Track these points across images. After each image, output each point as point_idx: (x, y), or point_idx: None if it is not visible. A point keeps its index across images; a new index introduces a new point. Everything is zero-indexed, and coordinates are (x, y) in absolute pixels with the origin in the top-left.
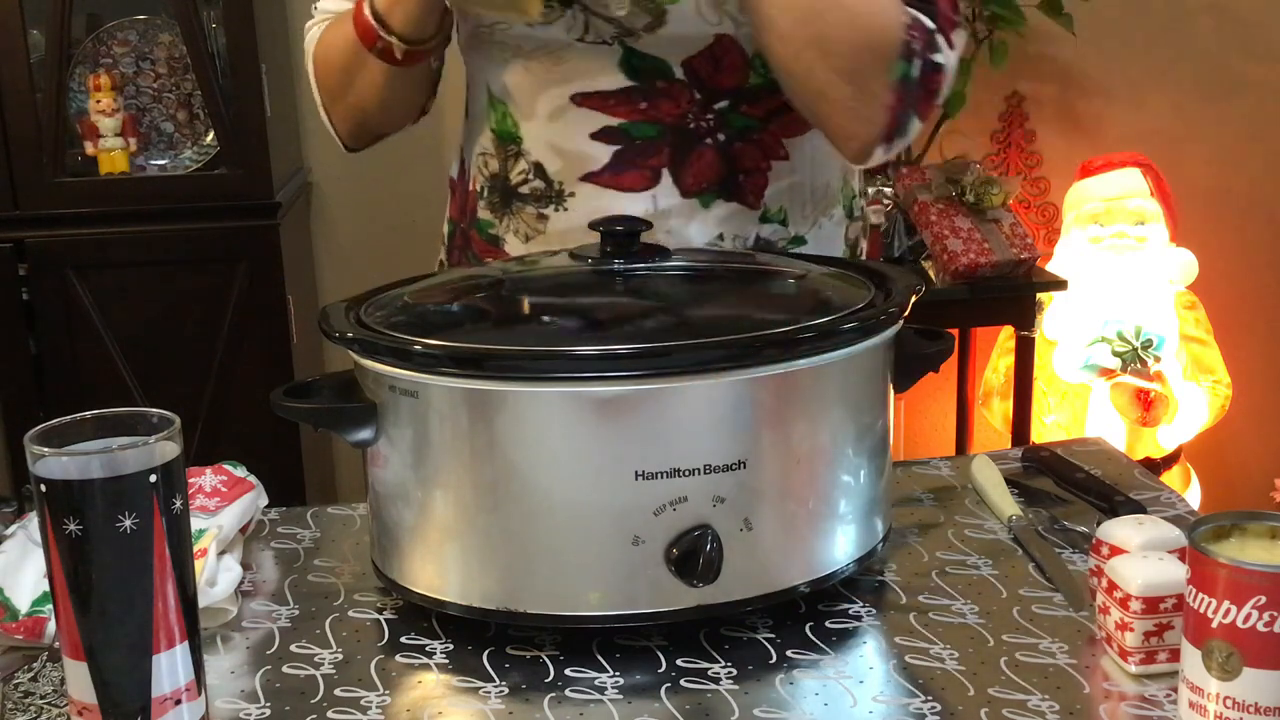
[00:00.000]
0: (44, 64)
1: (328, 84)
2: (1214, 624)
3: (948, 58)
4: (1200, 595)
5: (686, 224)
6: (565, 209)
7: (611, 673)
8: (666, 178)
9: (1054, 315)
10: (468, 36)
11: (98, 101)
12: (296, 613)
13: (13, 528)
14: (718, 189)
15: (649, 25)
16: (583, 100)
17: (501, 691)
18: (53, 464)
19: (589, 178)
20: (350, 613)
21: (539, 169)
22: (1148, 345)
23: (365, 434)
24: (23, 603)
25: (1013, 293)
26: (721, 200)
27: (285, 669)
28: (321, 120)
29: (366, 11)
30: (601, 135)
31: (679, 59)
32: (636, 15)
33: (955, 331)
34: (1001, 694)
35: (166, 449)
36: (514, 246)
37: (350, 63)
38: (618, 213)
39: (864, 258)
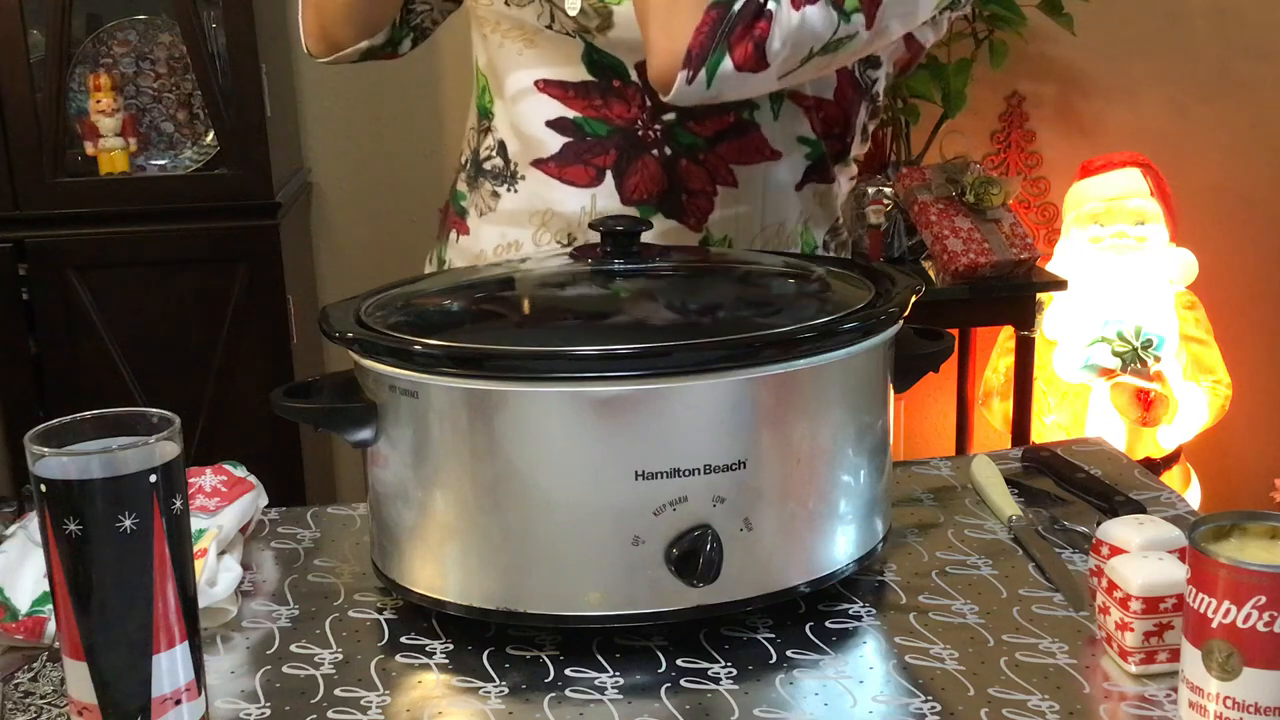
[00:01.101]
0: (44, 64)
1: None
2: (1214, 624)
3: (783, 11)
4: (1200, 595)
5: None
6: (515, 190)
7: (611, 673)
8: (609, 180)
9: (1054, 315)
10: (466, 9)
11: (98, 101)
12: (296, 613)
13: (13, 528)
14: (658, 203)
15: (599, 26)
16: (545, 86)
17: (501, 691)
18: (53, 464)
19: (538, 164)
20: (350, 613)
21: (501, 147)
22: (1148, 345)
23: (365, 434)
24: (23, 603)
25: (1013, 293)
26: (661, 215)
27: (285, 669)
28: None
29: None
30: (556, 124)
31: (633, 61)
32: (587, 15)
33: (955, 331)
34: (1001, 694)
35: (166, 449)
36: (472, 220)
37: None
38: (557, 204)
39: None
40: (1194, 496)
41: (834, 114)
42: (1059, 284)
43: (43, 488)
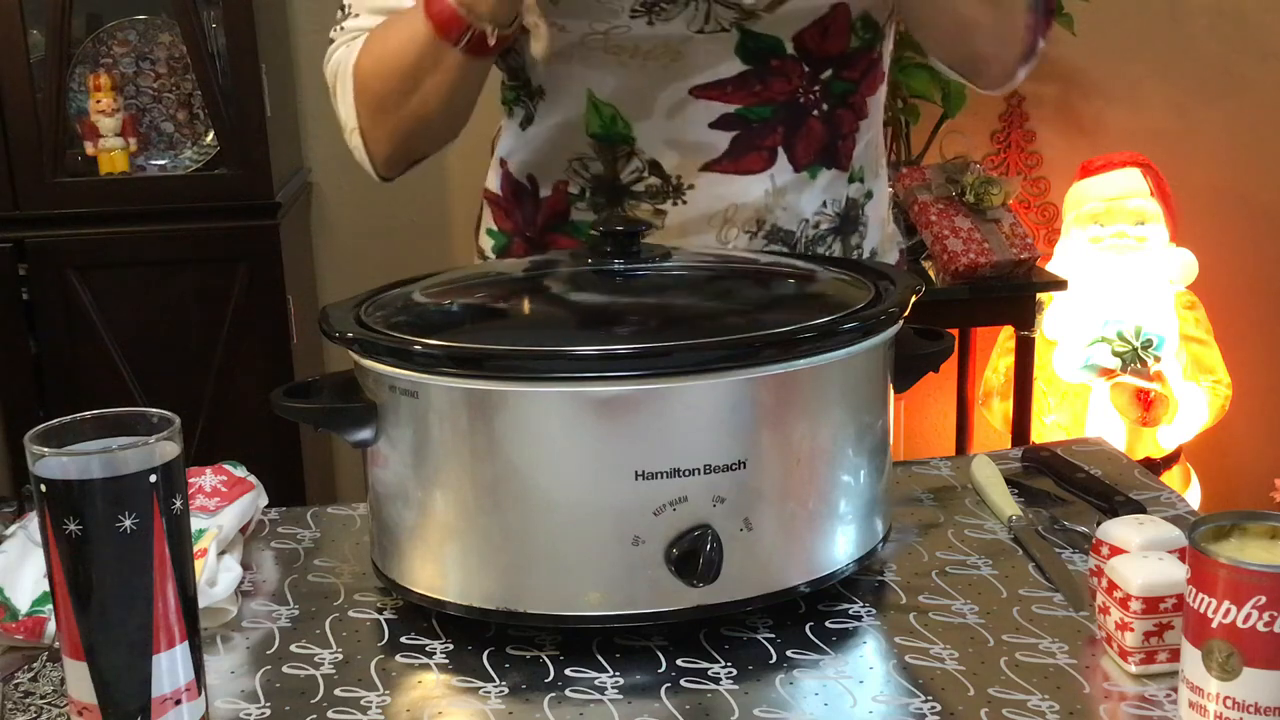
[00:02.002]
0: (44, 64)
1: (379, 98)
2: (1214, 624)
3: None
4: (1200, 595)
5: (799, 198)
6: (684, 202)
7: (611, 673)
8: (781, 156)
9: (1054, 315)
10: (571, 45)
11: (98, 101)
12: (296, 613)
13: (13, 528)
14: (822, 158)
15: (771, 4)
16: (700, 92)
17: (501, 691)
18: (53, 464)
19: (709, 166)
20: (350, 613)
21: (654, 166)
22: (1148, 345)
23: (365, 434)
24: (23, 603)
25: (1013, 293)
26: (824, 169)
27: (285, 669)
28: (335, 113)
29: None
30: (720, 123)
31: (791, 34)
32: None
33: (955, 331)
34: (1001, 694)
35: (166, 449)
36: None
37: (419, 64)
38: (739, 197)
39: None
40: (1194, 496)
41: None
42: (1059, 284)
43: (43, 488)
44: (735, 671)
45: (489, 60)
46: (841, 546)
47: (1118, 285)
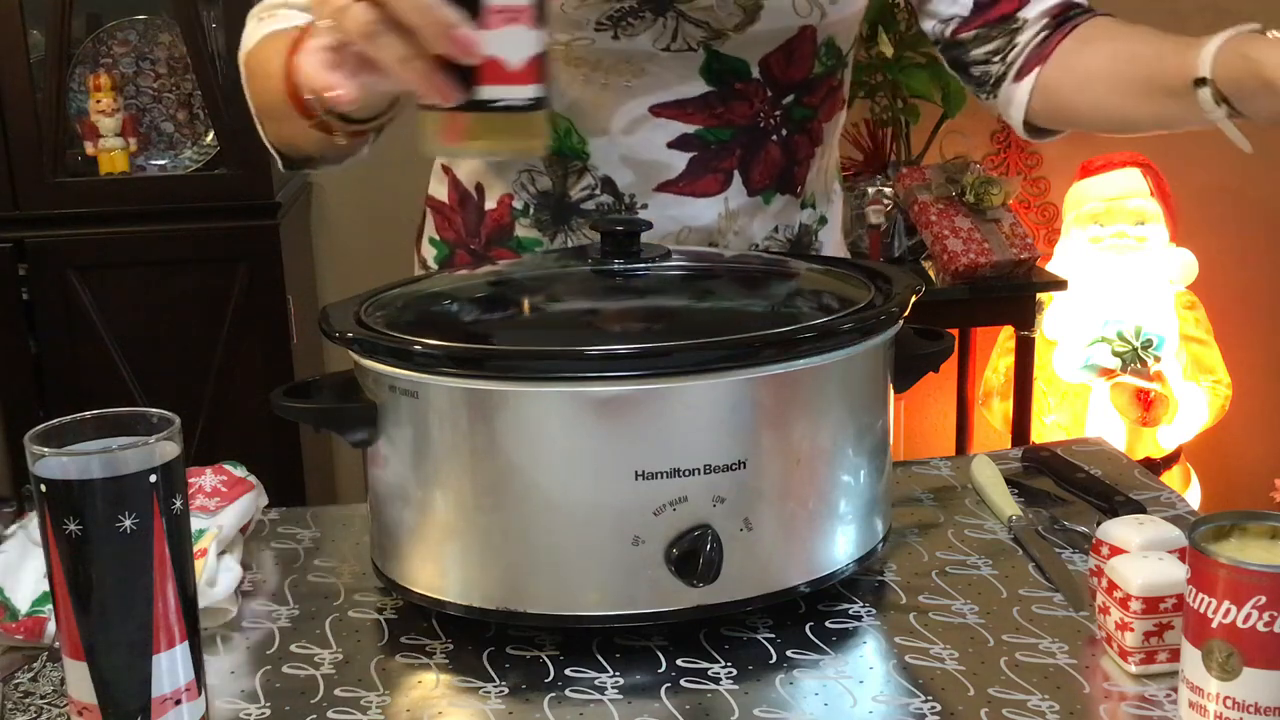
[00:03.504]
0: (44, 64)
1: (260, 103)
2: (1214, 624)
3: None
4: (1200, 595)
5: (751, 222)
6: None
7: (611, 673)
8: (737, 179)
9: (1054, 315)
10: None
11: (98, 101)
12: (296, 613)
13: (13, 528)
14: (777, 184)
15: (740, 24)
16: (660, 110)
17: (501, 691)
18: (53, 464)
19: (664, 187)
20: (350, 613)
21: (607, 183)
22: (1148, 345)
23: (365, 434)
24: (23, 603)
25: (1013, 293)
26: (778, 194)
27: (285, 669)
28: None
29: (302, 81)
30: (678, 143)
31: (758, 57)
32: (733, 13)
33: (955, 331)
34: (1001, 694)
35: (166, 449)
36: None
37: (282, 108)
38: (692, 220)
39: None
40: (1194, 496)
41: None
42: (1059, 284)
43: (43, 488)
44: (735, 671)
45: (357, 141)
46: (841, 546)
47: (1118, 285)
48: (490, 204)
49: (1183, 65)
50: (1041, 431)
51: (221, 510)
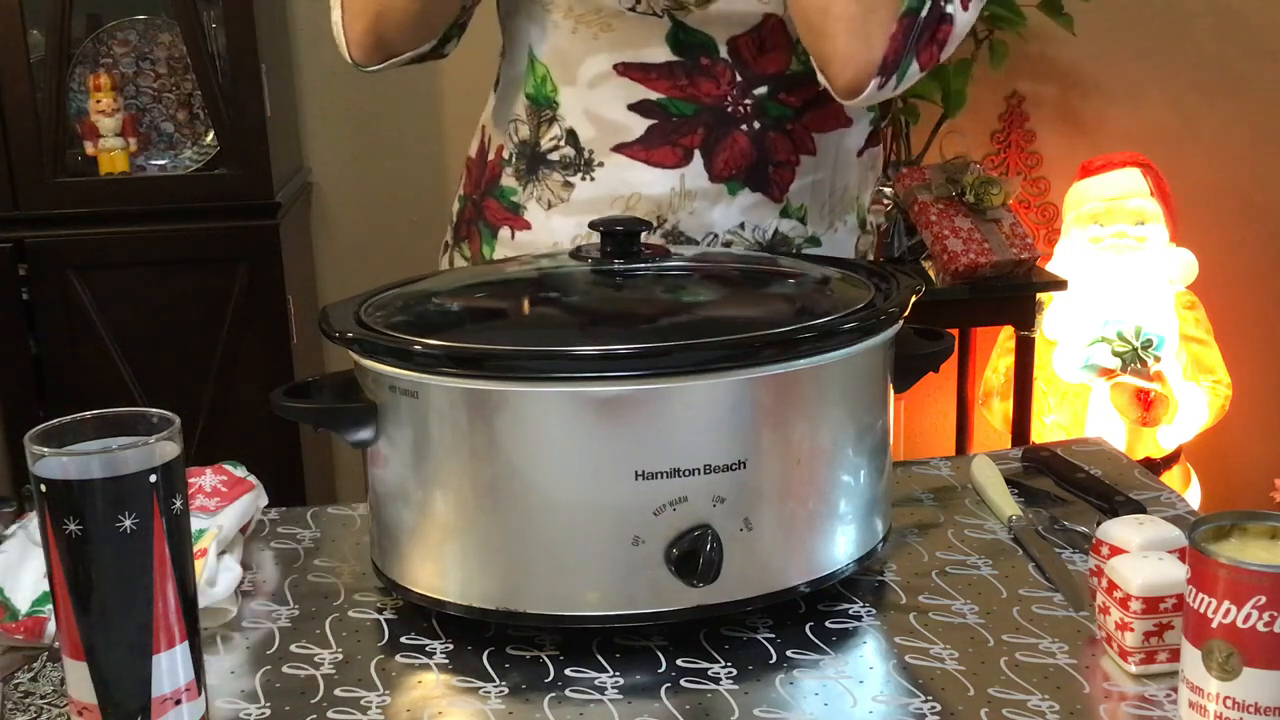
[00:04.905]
0: (44, 64)
1: None
2: (1214, 624)
3: (960, 16)
4: (1200, 595)
5: (710, 208)
6: (592, 178)
7: (611, 673)
8: (698, 159)
9: (1054, 315)
10: None
11: (98, 101)
12: (296, 613)
13: (13, 528)
14: (745, 177)
15: (700, 1)
16: (625, 70)
17: (501, 691)
18: (53, 464)
19: (621, 148)
20: (350, 613)
21: (571, 135)
22: (1148, 345)
23: (365, 434)
24: (23, 603)
25: (1013, 293)
26: (747, 189)
27: (285, 669)
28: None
29: None
30: (639, 107)
31: (725, 37)
32: None
33: (955, 331)
34: (1001, 694)
35: (166, 449)
36: (534, 214)
37: None
38: (644, 187)
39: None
40: (1194, 496)
41: None
42: (1059, 284)
43: (43, 488)
44: (735, 671)
45: None
46: (841, 546)
47: (1118, 285)
48: (490, 155)
49: None
50: (1041, 431)
51: (221, 510)
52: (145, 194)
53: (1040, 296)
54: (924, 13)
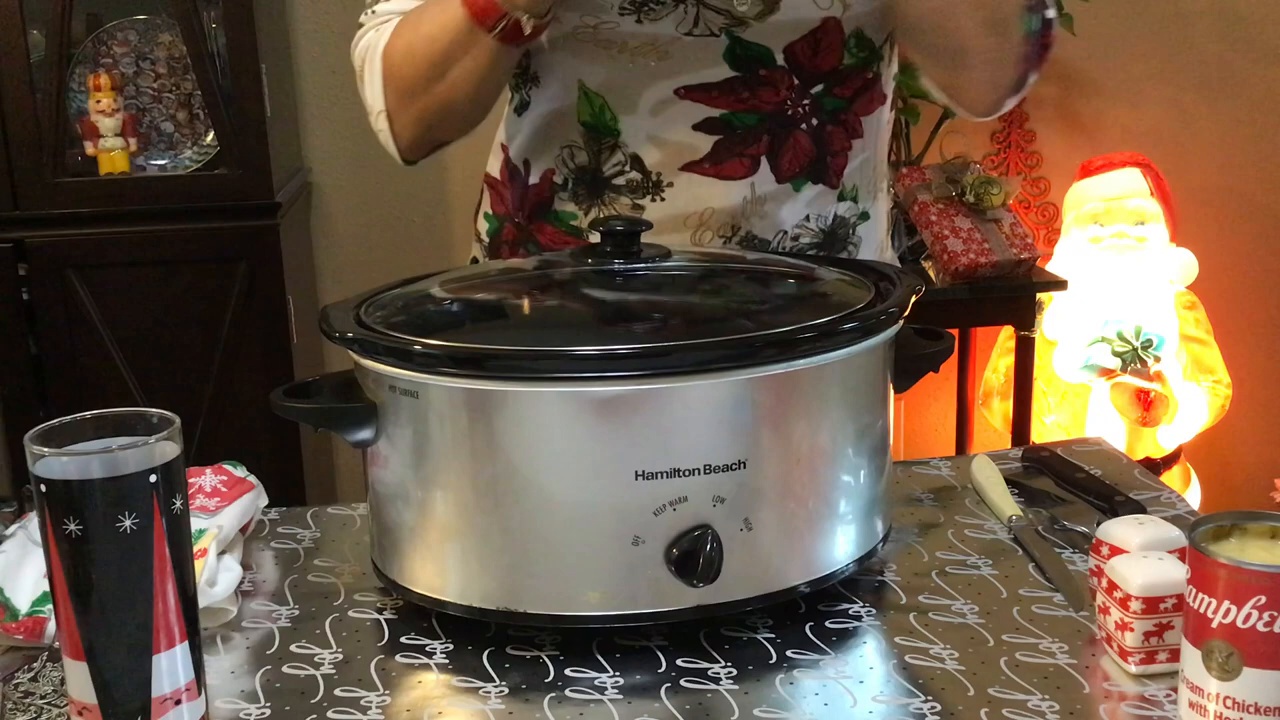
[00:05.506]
0: (44, 64)
1: (407, 81)
2: (1214, 624)
3: (1055, 17)
4: (1200, 595)
5: (779, 208)
6: (662, 199)
7: (611, 673)
8: (764, 165)
9: (1054, 315)
10: (563, 36)
11: (98, 101)
12: (296, 613)
13: (13, 528)
14: (808, 172)
15: (760, 13)
16: (686, 93)
17: (501, 691)
18: (53, 464)
19: (689, 167)
20: (350, 613)
21: (636, 160)
22: (1148, 345)
23: (365, 434)
24: (23, 603)
25: (1013, 293)
26: (810, 183)
27: (285, 669)
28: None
29: None
30: (704, 126)
31: (782, 45)
32: (754, 3)
33: (955, 331)
34: (1001, 694)
35: (166, 449)
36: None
37: (450, 50)
38: (716, 201)
39: (895, 236)
40: (1194, 496)
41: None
42: (1059, 284)
43: (43, 488)
44: (735, 671)
45: (522, 48)
46: (841, 546)
47: (1118, 285)
48: (534, 179)
49: None
50: (1041, 431)
51: (221, 510)
52: (145, 194)
53: (1040, 296)
54: (1037, 26)
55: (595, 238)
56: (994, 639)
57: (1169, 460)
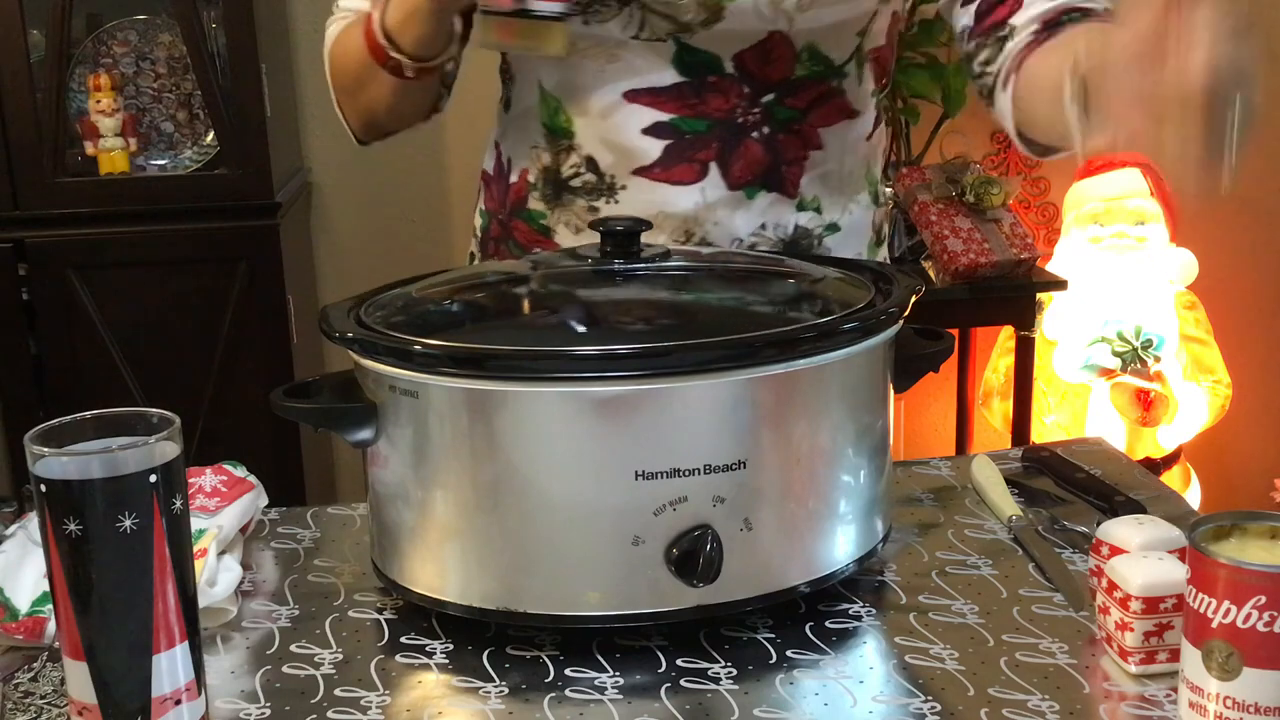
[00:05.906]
0: (44, 64)
1: (341, 83)
2: (1214, 624)
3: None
4: (1200, 595)
5: (732, 215)
6: (616, 201)
7: (611, 673)
8: (714, 171)
9: (1054, 315)
10: None
11: (98, 101)
12: (296, 613)
13: (13, 528)
14: (761, 180)
15: (705, 21)
16: (635, 97)
17: (501, 691)
18: (53, 464)
19: (640, 171)
20: (350, 613)
21: (591, 163)
22: (1148, 345)
23: (365, 434)
24: (23, 603)
25: (1013, 293)
26: (764, 191)
27: (285, 669)
28: (335, 112)
29: (376, 29)
30: (652, 130)
31: (731, 54)
32: (696, 12)
33: (955, 331)
34: (1001, 694)
35: (166, 449)
36: (564, 237)
37: (361, 71)
38: (668, 205)
39: (890, 243)
40: (1194, 496)
41: (885, 57)
42: (1059, 284)
43: (43, 488)
44: (735, 671)
45: (429, 79)
46: (841, 546)
47: (1118, 285)
48: (514, 177)
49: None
50: (1041, 431)
51: (221, 510)
52: (145, 194)
53: (1040, 296)
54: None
55: (560, 237)
56: (994, 639)
57: (1169, 460)
